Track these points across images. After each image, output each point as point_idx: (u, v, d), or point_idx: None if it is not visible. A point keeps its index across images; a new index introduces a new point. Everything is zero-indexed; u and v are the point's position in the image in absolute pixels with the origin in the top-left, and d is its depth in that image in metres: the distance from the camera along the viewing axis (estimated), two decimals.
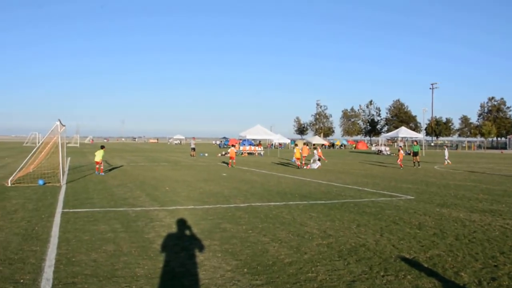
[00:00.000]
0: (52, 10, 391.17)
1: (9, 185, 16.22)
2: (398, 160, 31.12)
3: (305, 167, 28.14)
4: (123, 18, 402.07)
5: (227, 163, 30.84)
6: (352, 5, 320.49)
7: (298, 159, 29.02)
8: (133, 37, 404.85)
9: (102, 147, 24.00)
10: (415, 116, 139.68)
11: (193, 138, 49.38)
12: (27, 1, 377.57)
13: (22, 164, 18.37)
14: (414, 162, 31.32)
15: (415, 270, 6.35)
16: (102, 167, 22.88)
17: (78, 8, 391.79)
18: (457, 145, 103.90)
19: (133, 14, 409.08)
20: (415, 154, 31.74)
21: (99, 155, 22.54)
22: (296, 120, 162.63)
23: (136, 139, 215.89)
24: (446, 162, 34.91)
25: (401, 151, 31.83)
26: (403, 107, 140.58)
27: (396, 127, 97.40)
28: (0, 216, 10.21)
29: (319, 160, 28.96)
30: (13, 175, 17.25)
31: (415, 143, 34.05)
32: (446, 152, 35.31)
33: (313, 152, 29.74)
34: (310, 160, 29.25)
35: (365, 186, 17.92)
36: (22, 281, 5.67)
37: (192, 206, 12.04)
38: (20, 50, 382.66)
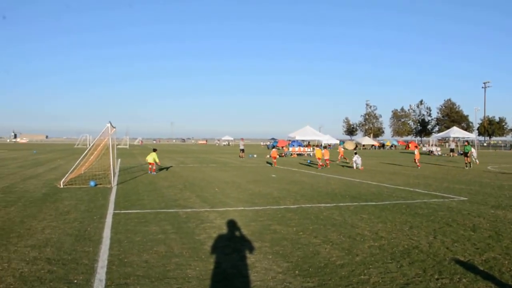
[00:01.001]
0: (110, 15, 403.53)
1: (62, 186, 16.78)
2: (416, 160, 30.67)
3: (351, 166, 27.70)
4: (178, 23, 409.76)
5: (271, 163, 31.10)
6: (401, 6, 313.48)
7: (319, 159, 29.81)
8: (184, 43, 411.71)
9: (155, 150, 25.17)
10: (467, 115, 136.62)
11: (242, 139, 49.67)
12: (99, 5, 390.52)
13: (74, 166, 18.95)
14: (466, 163, 30.49)
15: (471, 273, 6.19)
16: (154, 167, 24.14)
17: (134, 13, 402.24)
18: (511, 146, 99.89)
19: (189, 20, 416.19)
20: (466, 154, 30.88)
21: (151, 157, 24.00)
22: (345, 120, 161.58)
23: (185, 141, 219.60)
24: (476, 162, 34.16)
25: (417, 150, 31.78)
26: (455, 106, 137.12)
27: (448, 127, 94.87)
28: (53, 217, 10.57)
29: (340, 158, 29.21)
30: (65, 176, 17.85)
31: (466, 143, 32.99)
32: (474, 152, 34.20)
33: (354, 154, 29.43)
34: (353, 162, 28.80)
35: (417, 187, 17.51)
36: (76, 281, 5.82)
37: (242, 208, 12.08)
38: (71, 55, 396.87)
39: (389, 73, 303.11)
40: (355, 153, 30.00)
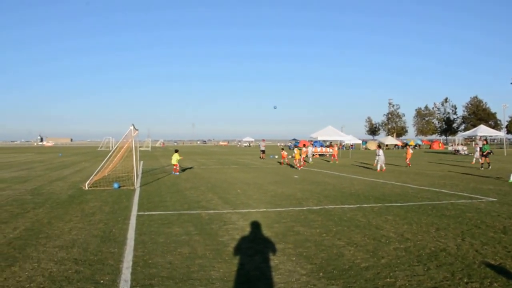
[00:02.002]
0: (132, 18, 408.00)
1: (87, 188, 17.07)
2: (406, 160, 30.44)
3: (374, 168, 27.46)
4: (193, 28, 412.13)
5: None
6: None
7: (298, 160, 29.99)
8: (204, 47, 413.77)
9: (176, 150, 25.80)
10: (495, 113, 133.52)
11: (263, 140, 49.67)
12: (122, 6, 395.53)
13: (98, 168, 19.24)
14: (482, 164, 28.96)
15: (502, 277, 6.05)
16: (178, 168, 25.02)
17: (155, 17, 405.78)
18: None
19: (202, 25, 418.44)
20: (484, 154, 28.97)
21: (175, 159, 24.87)
22: (368, 120, 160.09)
23: (207, 142, 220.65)
24: (473, 161, 33.79)
25: (409, 149, 31.41)
26: (482, 104, 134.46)
27: (474, 126, 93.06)
28: (79, 218, 10.78)
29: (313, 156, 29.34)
30: (90, 178, 18.15)
31: (484, 142, 31.30)
32: (477, 150, 33.74)
33: (376, 152, 28.90)
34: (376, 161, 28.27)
35: (443, 187, 17.28)
36: (102, 281, 5.94)
37: (265, 209, 12.11)
38: (93, 58, 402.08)
39: (413, 70, 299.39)
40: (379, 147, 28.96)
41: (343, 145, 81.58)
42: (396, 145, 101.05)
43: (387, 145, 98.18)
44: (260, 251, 7.56)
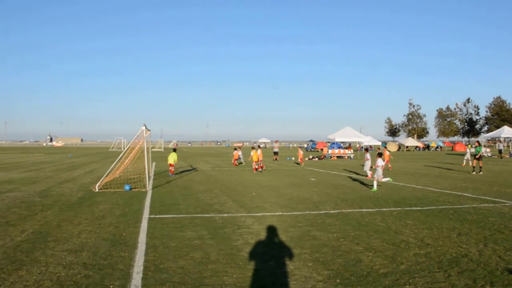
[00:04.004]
0: (142, 17, 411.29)
1: (97, 190, 17.21)
2: (386, 161, 29.76)
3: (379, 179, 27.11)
4: (208, 29, 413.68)
5: (298, 163, 31.15)
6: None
7: (255, 162, 29.17)
8: (218, 46, 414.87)
9: (174, 150, 26.02)
10: None
11: (276, 141, 49.59)
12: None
13: (109, 170, 19.40)
14: (473, 167, 27.66)
15: None
16: (172, 169, 25.54)
17: (166, 16, 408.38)
18: None
19: (219, 24, 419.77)
20: (476, 156, 27.28)
21: (172, 158, 25.09)
22: (387, 121, 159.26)
23: (221, 143, 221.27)
24: (464, 163, 33.29)
25: (386, 151, 30.93)
26: (505, 104, 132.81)
27: (498, 127, 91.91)
28: (89, 221, 10.86)
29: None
30: (100, 180, 18.30)
31: (477, 143, 29.49)
32: (468, 152, 33.17)
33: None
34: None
35: (465, 191, 17.13)
36: (111, 287, 5.97)
37: (280, 213, 12.09)
38: (103, 57, 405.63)
39: (434, 69, 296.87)
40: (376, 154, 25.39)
41: (361, 147, 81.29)
42: (417, 146, 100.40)
43: (407, 147, 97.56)
44: (275, 256, 7.55)
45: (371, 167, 23.67)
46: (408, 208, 12.83)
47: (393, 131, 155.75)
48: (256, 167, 29.02)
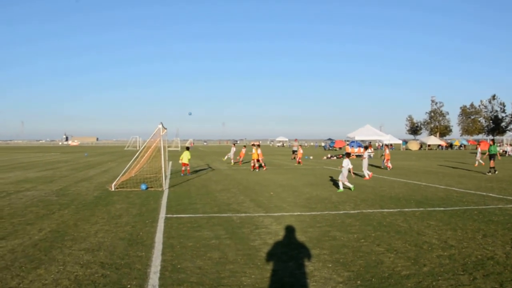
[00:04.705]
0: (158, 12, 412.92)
1: (113, 189, 17.36)
2: (385, 161, 29.60)
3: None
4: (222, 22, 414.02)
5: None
6: None
7: (255, 160, 28.93)
8: (234, 42, 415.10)
9: (187, 148, 26.00)
10: None
11: (296, 140, 49.52)
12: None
13: (125, 169, 19.52)
14: (490, 167, 26.28)
15: None
16: (188, 168, 25.53)
17: (183, 11, 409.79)
18: None
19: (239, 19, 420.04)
20: (491, 156, 26.28)
21: (185, 157, 25.05)
22: (409, 118, 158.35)
23: (238, 142, 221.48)
24: (477, 163, 32.87)
25: (388, 150, 30.38)
26: None
27: None
28: (105, 220, 10.97)
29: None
30: (117, 179, 18.46)
31: (491, 142, 28.63)
32: (479, 152, 32.72)
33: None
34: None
35: (490, 191, 16.94)
36: (129, 286, 6.03)
37: (299, 213, 12.08)
38: (118, 54, 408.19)
39: (457, 66, 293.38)
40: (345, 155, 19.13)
41: (382, 145, 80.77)
42: (439, 145, 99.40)
43: (429, 146, 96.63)
44: (294, 256, 7.55)
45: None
46: (431, 208, 12.72)
47: (414, 129, 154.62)
48: (256, 165, 28.85)
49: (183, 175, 24.42)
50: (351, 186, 17.31)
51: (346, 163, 17.52)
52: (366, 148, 22.68)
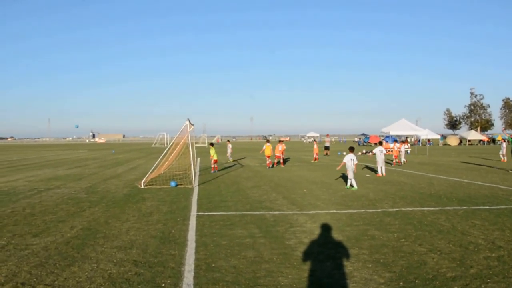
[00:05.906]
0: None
1: (142, 187, 17.54)
2: (394, 157, 29.19)
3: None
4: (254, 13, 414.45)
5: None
6: None
7: (268, 156, 29.07)
8: (264, 31, 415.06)
9: (212, 144, 26.20)
10: None
11: (327, 135, 49.19)
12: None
13: (154, 166, 19.70)
14: None
15: None
16: (217, 165, 25.94)
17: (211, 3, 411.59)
18: None
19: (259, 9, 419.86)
20: None
21: (213, 153, 25.62)
22: (447, 112, 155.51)
23: (268, 138, 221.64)
24: (502, 158, 32.35)
25: (396, 146, 29.88)
26: None
27: None
28: (136, 218, 11.09)
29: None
30: (146, 176, 18.65)
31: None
32: (504, 146, 32.15)
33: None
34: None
35: None
36: (163, 285, 6.08)
37: (334, 211, 12.00)
38: (145, 54, 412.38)
39: (499, 55, 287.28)
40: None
41: (419, 140, 79.73)
42: (481, 140, 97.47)
43: (469, 141, 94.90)
44: (332, 256, 7.49)
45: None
46: (475, 207, 12.46)
47: (453, 124, 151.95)
48: (270, 162, 28.97)
49: (214, 171, 24.68)
50: (355, 185, 17.06)
51: (350, 157, 17.24)
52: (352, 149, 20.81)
